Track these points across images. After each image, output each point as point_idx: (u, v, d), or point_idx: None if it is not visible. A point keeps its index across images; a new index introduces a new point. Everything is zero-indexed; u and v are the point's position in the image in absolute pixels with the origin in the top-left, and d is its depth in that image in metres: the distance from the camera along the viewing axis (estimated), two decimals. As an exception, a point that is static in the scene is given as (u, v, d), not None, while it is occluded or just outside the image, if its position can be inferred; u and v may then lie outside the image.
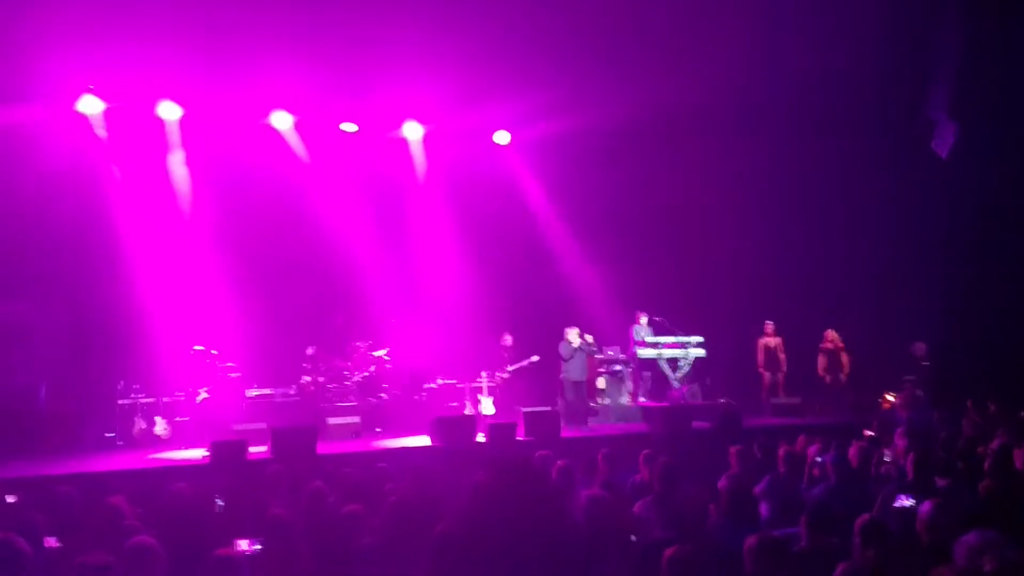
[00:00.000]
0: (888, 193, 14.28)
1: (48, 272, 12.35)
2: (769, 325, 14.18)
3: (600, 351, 13.55)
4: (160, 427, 11.98)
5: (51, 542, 5.07)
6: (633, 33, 12.18)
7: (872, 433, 8.71)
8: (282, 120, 14.05)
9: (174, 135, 13.53)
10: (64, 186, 12.40)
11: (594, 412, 12.97)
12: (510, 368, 13.61)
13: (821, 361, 13.89)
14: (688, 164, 14.94)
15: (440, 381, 13.66)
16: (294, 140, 14.32)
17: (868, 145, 14.20)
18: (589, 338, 12.93)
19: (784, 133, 14.23)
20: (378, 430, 12.35)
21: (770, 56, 12.46)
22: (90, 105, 12.73)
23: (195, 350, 12.28)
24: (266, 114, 13.91)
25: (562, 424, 11.47)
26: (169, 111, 13.30)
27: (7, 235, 11.94)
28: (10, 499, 6.52)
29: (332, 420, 11.98)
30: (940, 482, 5.49)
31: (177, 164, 13.59)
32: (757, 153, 14.64)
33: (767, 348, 14.17)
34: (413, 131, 15.04)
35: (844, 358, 13.83)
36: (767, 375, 14.15)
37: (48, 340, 12.27)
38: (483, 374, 13.45)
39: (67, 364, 12.29)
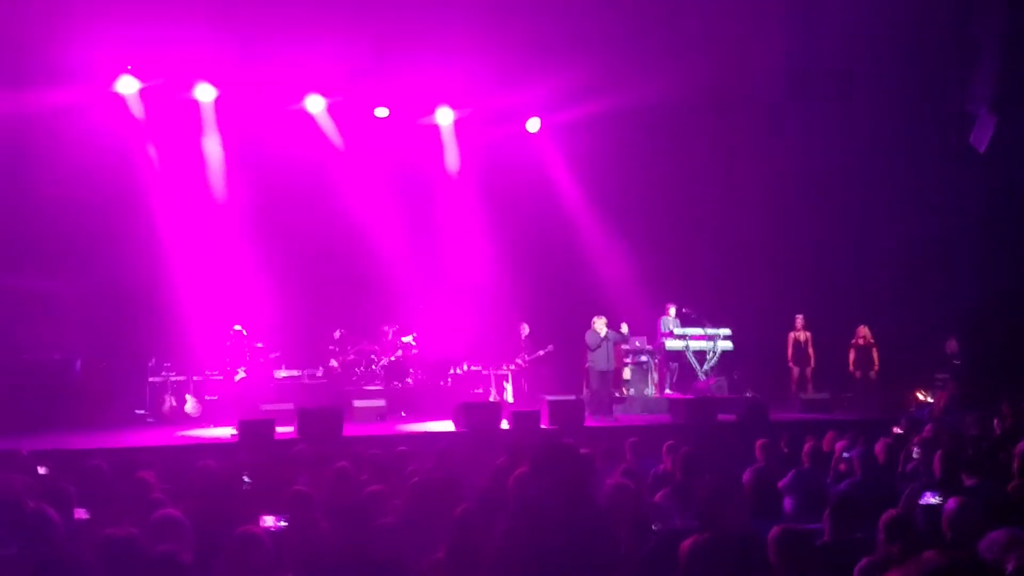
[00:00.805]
0: (923, 186, 14.05)
1: (84, 250, 12.57)
2: (799, 319, 14.06)
3: (627, 341, 13.49)
4: (190, 405, 12.16)
5: (81, 513, 5.17)
6: (667, 15, 12.05)
7: (900, 430, 8.60)
8: (315, 104, 14.12)
9: (209, 116, 13.67)
10: (101, 165, 12.57)
11: (619, 402, 12.94)
12: (526, 357, 13.61)
13: (852, 357, 13.76)
14: (719, 154, 14.82)
15: (465, 367, 13.71)
16: (327, 124, 14.40)
17: (903, 137, 13.97)
18: (624, 328, 12.82)
19: (818, 123, 14.05)
20: (403, 414, 12.44)
21: (805, 45, 12.30)
22: (127, 85, 12.89)
23: (235, 331, 12.41)
24: (300, 98, 13.99)
25: (586, 413, 11.46)
26: (205, 92, 13.44)
27: (45, 213, 12.15)
28: (41, 470, 6.65)
29: (358, 403, 12.09)
30: (968, 481, 5.41)
31: (212, 145, 13.73)
32: (790, 144, 14.47)
33: (797, 342, 14.05)
34: (445, 117, 15.04)
35: (875, 354, 13.68)
36: (796, 369, 14.03)
37: (83, 317, 12.50)
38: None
39: (100, 341, 12.50)
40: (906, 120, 13.85)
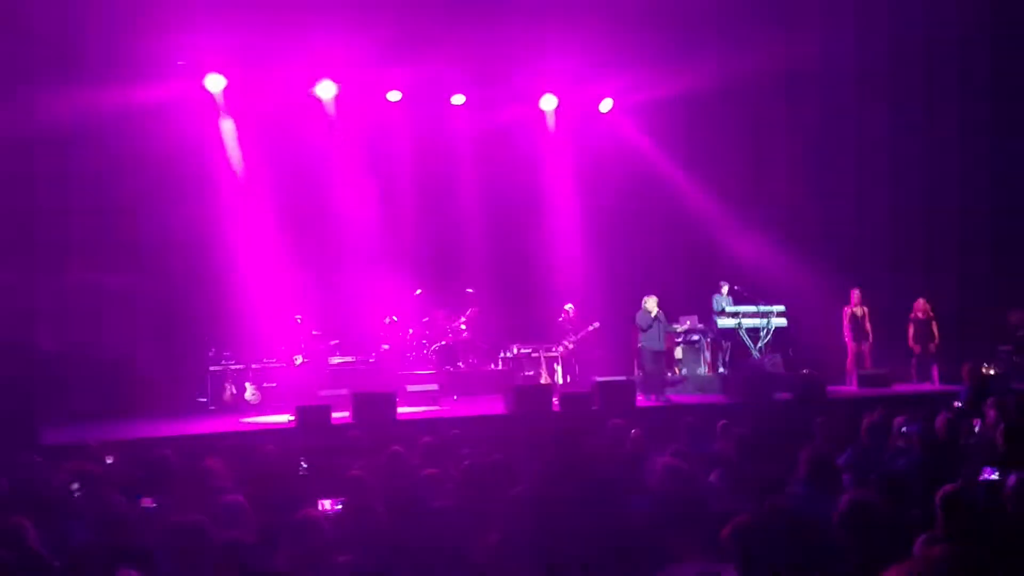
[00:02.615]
0: (981, 157, 13.65)
1: (145, 244, 12.85)
2: (855, 293, 13.78)
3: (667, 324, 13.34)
4: (249, 392, 12.43)
5: (147, 502, 5.35)
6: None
7: (961, 404, 8.42)
8: (393, 95, 14.23)
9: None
10: (155, 162, 12.82)
11: (672, 383, 12.86)
12: (573, 337, 13.59)
13: (911, 331, 13.48)
14: (772, 129, 14.54)
15: (516, 350, 13.77)
16: (386, 114, 14.45)
17: (960, 107, 13.58)
18: (661, 314, 12.74)
19: (877, 96, 13.74)
20: (455, 397, 12.55)
21: (872, 22, 12.04)
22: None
23: (296, 320, 12.64)
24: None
25: (639, 394, 11.43)
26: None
27: (103, 209, 12.44)
28: (109, 460, 6.87)
29: (411, 387, 12.23)
30: (1032, 456, 5.28)
31: (266, 141, 13.92)
32: (844, 116, 14.17)
33: (853, 317, 13.79)
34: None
35: (935, 328, 13.37)
36: (853, 345, 13.78)
37: (144, 309, 12.83)
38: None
39: (162, 332, 12.83)
40: (966, 89, 13.47)
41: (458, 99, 14.62)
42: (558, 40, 12.87)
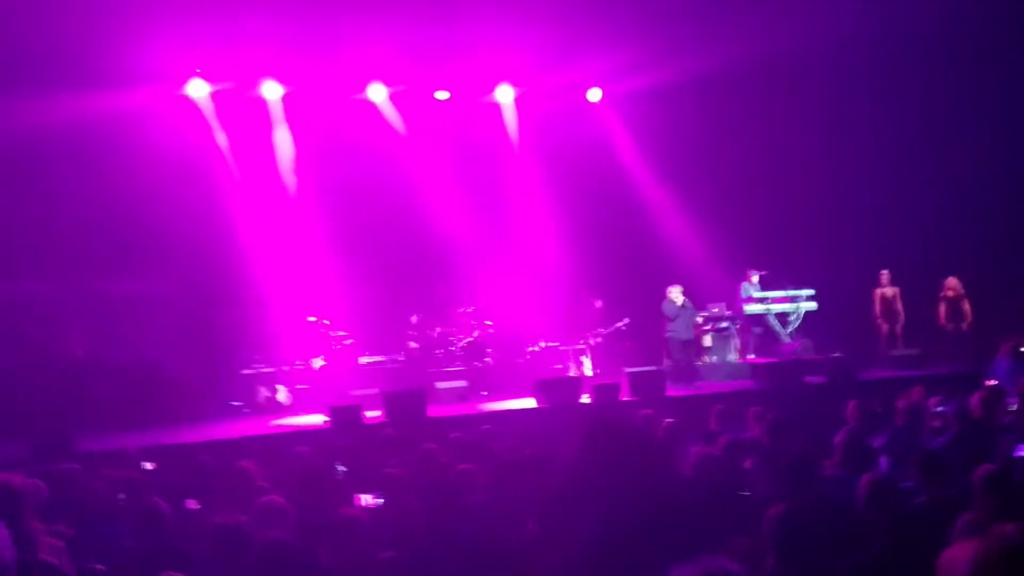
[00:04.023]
0: (1007, 131, 13.44)
1: (171, 251, 13.01)
2: (884, 275, 13.63)
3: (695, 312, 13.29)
4: (282, 394, 12.55)
5: (191, 504, 5.43)
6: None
7: (996, 382, 8.32)
8: (378, 92, 14.28)
9: (277, 113, 13.96)
10: (181, 168, 12.96)
11: (700, 372, 12.81)
12: (602, 332, 13.57)
13: (942, 310, 13.30)
14: (791, 109, 14.40)
15: (543, 344, 13.78)
16: (390, 111, 14.56)
17: (985, 78, 13.38)
18: (688, 303, 12.69)
19: (899, 69, 13.56)
20: (484, 393, 12.59)
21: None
22: (197, 88, 13.26)
23: (309, 321, 12.74)
24: (362, 88, 14.17)
25: (669, 383, 11.41)
26: (271, 90, 13.73)
27: (133, 217, 12.60)
28: (148, 466, 6.97)
29: (440, 384, 12.28)
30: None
31: (282, 140, 14.04)
32: (868, 93, 14.02)
33: (883, 298, 13.64)
34: (505, 95, 15.02)
35: (966, 306, 13.19)
36: (884, 326, 13.63)
37: (173, 315, 12.99)
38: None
39: (191, 337, 12.98)
40: (987, 61, 13.27)
41: (442, 95, 14.59)
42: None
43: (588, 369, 13.32)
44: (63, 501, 5.35)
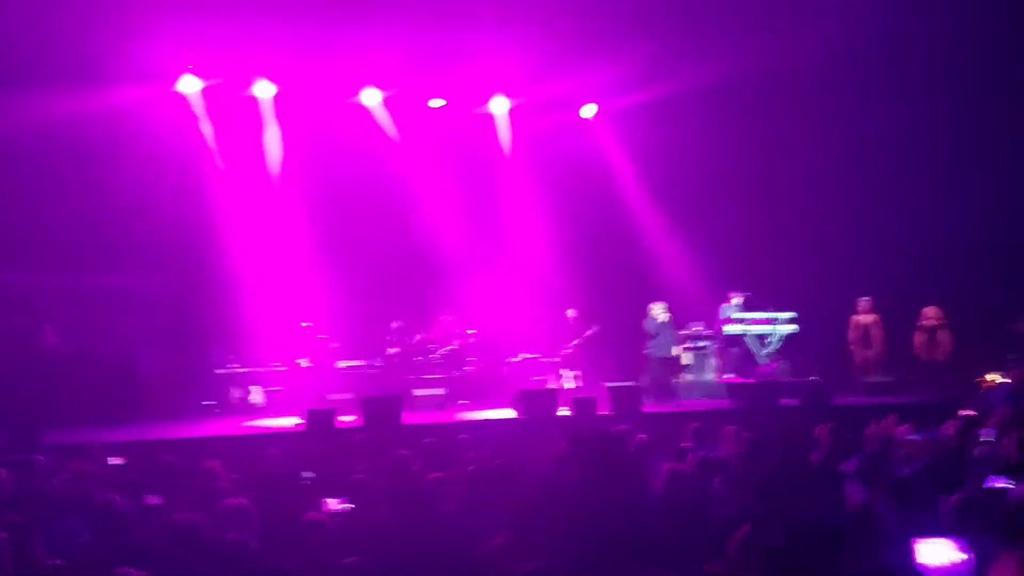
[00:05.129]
0: (989, 161, 13.58)
1: (150, 246, 12.90)
2: (863, 302, 13.70)
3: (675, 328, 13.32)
4: (256, 395, 12.43)
5: (152, 500, 5.34)
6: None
7: (970, 412, 8.35)
8: (371, 97, 14.25)
9: (268, 112, 13.89)
10: (165, 163, 12.90)
11: (678, 390, 12.82)
12: (574, 342, 13.55)
13: (918, 339, 13.36)
14: (777, 134, 14.51)
15: (524, 355, 13.75)
16: (383, 117, 14.52)
17: (968, 110, 13.51)
18: (669, 320, 12.72)
19: (879, 97, 13.67)
20: (462, 402, 12.52)
21: (864, 20, 12.00)
22: (189, 85, 13.17)
23: (303, 325, 12.61)
24: (356, 91, 14.14)
25: (646, 400, 11.39)
26: (264, 89, 13.65)
27: (113, 211, 12.51)
28: (112, 461, 6.87)
29: (417, 391, 12.21)
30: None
31: (271, 141, 13.98)
32: (850, 120, 14.12)
33: (859, 325, 13.71)
34: (499, 106, 15.04)
35: (942, 336, 13.26)
36: (860, 353, 13.69)
37: (150, 311, 12.86)
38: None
39: (167, 334, 12.86)
40: (972, 90, 13.41)
41: (436, 103, 14.58)
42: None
43: (568, 382, 13.27)
44: (25, 492, 5.26)
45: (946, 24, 12.24)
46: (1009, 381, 11.16)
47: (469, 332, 13.68)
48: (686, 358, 13.42)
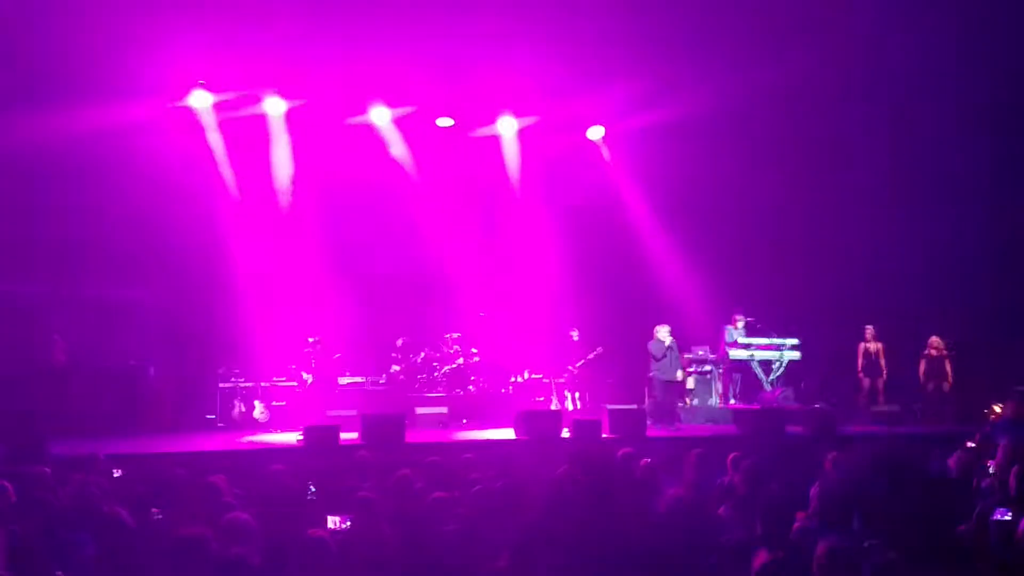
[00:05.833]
0: (996, 191, 13.60)
1: (158, 260, 12.97)
2: (869, 330, 13.68)
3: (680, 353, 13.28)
4: (258, 411, 12.44)
5: (155, 513, 5.34)
6: (731, 19, 11.97)
7: (974, 444, 8.31)
8: (380, 115, 14.33)
9: (278, 129, 13.98)
10: (173, 178, 12.95)
11: (681, 414, 12.77)
12: (578, 364, 13.53)
13: (923, 368, 13.34)
14: (784, 158, 14.54)
15: (526, 375, 13.73)
16: (391, 135, 14.60)
17: (977, 135, 13.54)
18: (674, 344, 12.70)
19: (890, 121, 13.72)
20: (464, 421, 12.51)
21: (873, 43, 12.08)
22: (199, 99, 13.26)
23: (310, 340, 12.60)
24: (365, 109, 14.22)
25: (649, 423, 11.36)
26: (274, 106, 13.75)
27: (121, 224, 12.57)
28: (117, 474, 6.87)
29: (420, 410, 12.21)
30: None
31: (280, 157, 14.05)
32: (857, 147, 14.16)
33: (867, 352, 13.68)
34: (507, 126, 15.12)
35: (948, 366, 13.24)
36: (866, 381, 13.65)
37: (156, 325, 12.90)
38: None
39: (173, 348, 12.89)
40: (975, 126, 13.46)
41: (445, 122, 14.62)
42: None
43: (571, 403, 13.26)
44: (29, 504, 5.26)
45: (949, 50, 12.29)
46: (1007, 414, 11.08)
47: (473, 351, 13.68)
48: (690, 382, 13.39)
